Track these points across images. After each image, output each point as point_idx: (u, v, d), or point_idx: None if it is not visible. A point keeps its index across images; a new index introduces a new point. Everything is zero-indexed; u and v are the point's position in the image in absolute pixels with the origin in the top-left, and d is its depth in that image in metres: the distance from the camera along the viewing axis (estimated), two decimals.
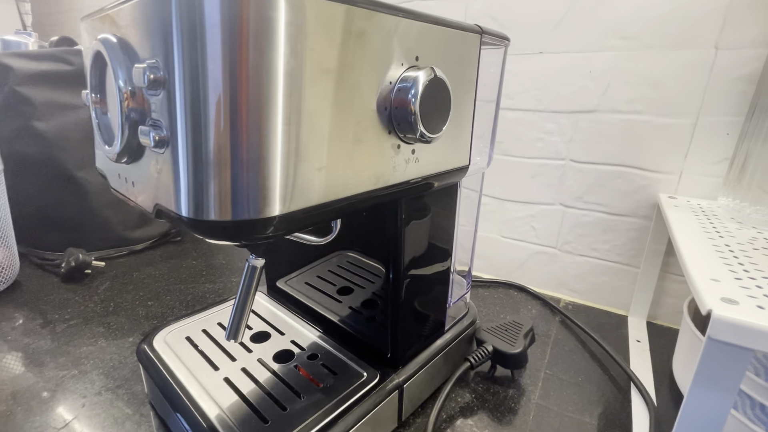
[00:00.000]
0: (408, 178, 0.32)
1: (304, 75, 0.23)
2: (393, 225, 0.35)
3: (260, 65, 0.21)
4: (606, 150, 0.59)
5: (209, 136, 0.21)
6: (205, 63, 0.20)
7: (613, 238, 0.62)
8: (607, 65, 0.56)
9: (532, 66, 0.62)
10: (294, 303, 0.52)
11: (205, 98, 0.21)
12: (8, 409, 0.42)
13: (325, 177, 0.25)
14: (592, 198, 0.62)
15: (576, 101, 0.60)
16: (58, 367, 0.49)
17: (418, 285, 0.40)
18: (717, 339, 0.26)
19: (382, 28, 0.26)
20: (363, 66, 0.25)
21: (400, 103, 0.28)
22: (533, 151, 0.65)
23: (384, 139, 0.28)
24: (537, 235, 0.68)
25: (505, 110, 0.65)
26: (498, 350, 0.46)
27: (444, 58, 0.31)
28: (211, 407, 0.35)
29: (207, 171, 0.22)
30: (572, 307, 0.66)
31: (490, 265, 0.75)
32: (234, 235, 0.24)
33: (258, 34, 0.21)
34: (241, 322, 0.31)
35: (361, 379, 0.39)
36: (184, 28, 0.20)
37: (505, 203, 0.70)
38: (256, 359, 0.41)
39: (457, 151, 0.37)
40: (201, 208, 0.23)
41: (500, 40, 0.40)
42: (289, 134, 0.23)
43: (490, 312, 0.64)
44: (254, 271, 0.30)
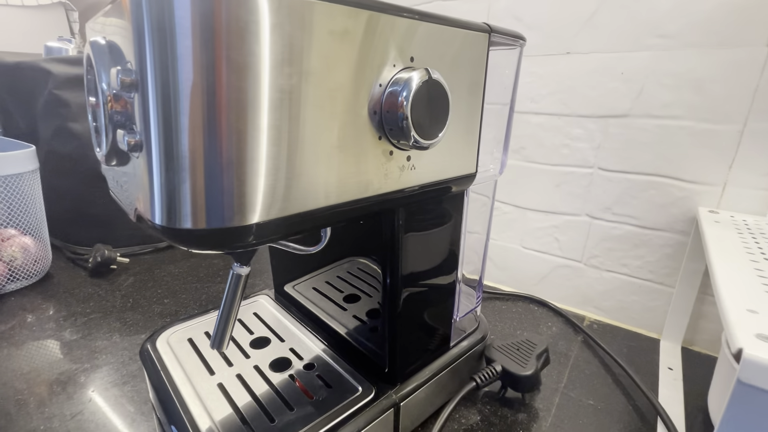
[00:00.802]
0: (403, 187, 0.30)
1: (281, 77, 0.21)
2: (390, 233, 0.34)
3: (233, 67, 0.20)
4: (638, 158, 0.55)
5: (181, 140, 0.21)
6: (176, 66, 0.20)
7: (645, 253, 0.57)
8: (641, 66, 0.52)
9: (558, 67, 0.58)
10: (299, 308, 0.51)
11: (176, 102, 0.20)
12: (23, 398, 0.44)
13: (306, 184, 0.24)
14: (622, 209, 0.57)
15: (606, 105, 0.55)
16: (73, 360, 0.50)
17: (419, 297, 0.38)
18: (748, 383, 0.22)
19: (370, 28, 0.24)
20: (348, 67, 0.24)
21: (390, 106, 0.26)
22: (558, 158, 0.61)
23: (374, 145, 0.27)
24: (561, 247, 0.64)
25: (528, 114, 0.62)
26: (507, 371, 0.43)
27: (444, 59, 0.29)
28: (200, 414, 0.34)
29: (179, 177, 0.21)
30: (597, 327, 0.61)
31: (510, 277, 0.71)
32: (209, 243, 0.23)
33: (230, 36, 0.20)
34: (225, 331, 0.30)
35: (355, 394, 0.37)
36: (154, 30, 0.19)
37: (527, 212, 0.66)
38: (252, 366, 0.41)
39: (461, 158, 0.34)
40: (174, 215, 0.22)
41: (514, 40, 0.37)
42: (264, 140, 0.22)
43: (506, 327, 0.60)
44: (239, 280, 0.29)
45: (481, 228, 0.47)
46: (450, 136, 0.32)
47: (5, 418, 0.42)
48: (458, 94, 0.32)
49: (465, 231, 0.41)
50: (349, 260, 0.47)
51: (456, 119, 0.32)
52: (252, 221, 0.23)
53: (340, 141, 0.25)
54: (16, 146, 0.72)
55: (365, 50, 0.24)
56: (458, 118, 0.32)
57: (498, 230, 0.70)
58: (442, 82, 0.27)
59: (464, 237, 0.41)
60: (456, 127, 0.32)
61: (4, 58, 0.81)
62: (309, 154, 0.23)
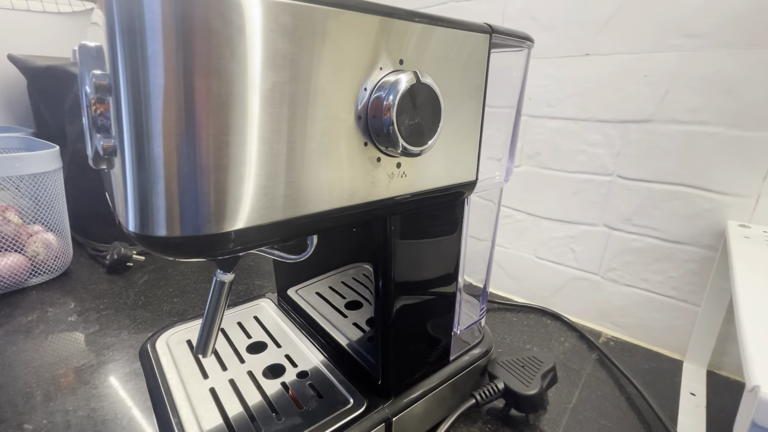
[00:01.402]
0: (393, 195, 0.29)
1: (255, 82, 0.21)
2: (382, 241, 0.32)
3: (204, 72, 0.19)
4: (662, 166, 0.51)
5: (152, 145, 0.20)
6: (146, 69, 0.19)
7: (667, 268, 0.53)
8: (666, 68, 0.49)
9: (576, 70, 0.55)
10: (300, 313, 0.50)
11: (147, 106, 0.20)
12: (30, 391, 0.46)
13: (284, 192, 0.23)
14: (642, 221, 0.54)
15: (627, 109, 0.52)
16: (81, 355, 0.52)
17: (414, 308, 0.36)
18: (763, 426, 0.19)
19: (353, 29, 0.23)
20: (329, 71, 0.23)
21: (376, 111, 0.25)
22: (575, 165, 0.58)
23: (359, 151, 0.26)
24: (576, 258, 0.61)
25: (544, 119, 0.59)
26: (509, 389, 0.41)
27: (439, 62, 0.28)
28: (189, 420, 0.34)
29: (151, 182, 0.21)
30: (614, 344, 0.57)
31: (523, 287, 0.68)
32: (185, 251, 0.23)
33: (201, 39, 0.19)
34: (209, 338, 0.29)
35: (346, 406, 0.36)
36: (124, 31, 0.19)
37: (542, 221, 0.63)
38: (246, 371, 0.40)
39: (460, 166, 0.33)
40: (147, 222, 0.22)
41: (520, 41, 0.35)
42: (239, 145, 0.21)
43: (515, 340, 0.58)
44: (222, 287, 0.28)
45: (488, 235, 0.45)
46: (446, 142, 0.31)
47: (12, 409, 0.43)
48: (455, 98, 0.30)
49: (466, 240, 0.39)
50: (355, 266, 0.46)
51: (452, 125, 0.30)
52: (228, 229, 0.22)
53: (322, 147, 0.24)
54: (43, 146, 0.75)
55: (348, 52, 0.23)
56: (455, 123, 0.31)
57: (511, 239, 0.67)
58: (433, 85, 0.26)
59: (465, 246, 0.39)
60: (452, 133, 0.31)
61: (37, 62, 0.85)
62: (287, 161, 0.23)
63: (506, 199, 0.66)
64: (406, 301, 0.35)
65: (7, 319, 0.60)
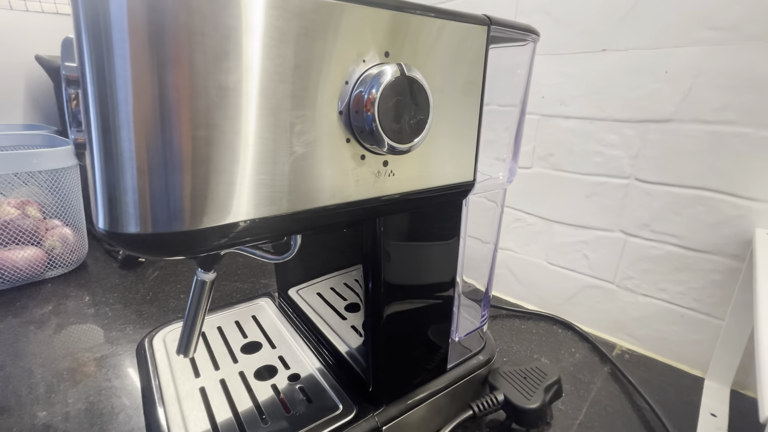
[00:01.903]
0: (379, 195, 0.27)
1: (221, 74, 0.20)
2: (371, 243, 0.31)
3: (169, 63, 0.19)
4: (683, 169, 0.48)
5: (119, 139, 0.20)
6: (112, 62, 0.19)
7: (688, 278, 0.50)
8: (689, 64, 0.45)
9: (591, 66, 0.52)
10: (299, 314, 0.50)
11: (113, 98, 0.19)
12: (35, 382, 0.47)
13: (258, 190, 0.22)
14: (662, 227, 0.51)
15: (646, 108, 0.49)
16: (87, 349, 0.53)
17: (407, 313, 0.35)
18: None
19: (333, 20, 0.22)
20: (304, 63, 0.22)
21: (358, 106, 0.23)
22: (590, 167, 0.55)
23: (341, 148, 0.24)
24: (590, 265, 0.58)
25: (557, 118, 0.57)
26: (509, 401, 0.39)
27: (429, 55, 0.26)
28: (175, 419, 0.34)
29: (119, 178, 0.20)
30: (629, 357, 0.54)
31: (534, 294, 0.65)
32: (157, 249, 0.22)
33: (166, 30, 0.18)
34: (191, 338, 0.29)
35: (335, 412, 0.35)
36: (89, 22, 0.19)
37: (554, 225, 0.60)
38: (237, 371, 0.40)
39: (455, 165, 0.31)
40: (116, 219, 0.21)
41: (523, 34, 0.33)
42: (209, 140, 0.20)
43: (522, 349, 0.55)
44: (203, 286, 0.28)
45: (491, 238, 0.43)
46: (439, 140, 0.29)
47: (15, 399, 0.44)
48: (448, 93, 0.28)
49: (464, 243, 0.37)
50: (358, 267, 0.45)
51: (446, 122, 0.29)
52: (201, 226, 0.22)
53: (299, 144, 0.23)
54: (63, 143, 0.77)
55: (327, 44, 0.22)
56: (449, 120, 0.29)
57: (522, 243, 0.65)
58: (420, 79, 0.24)
59: (463, 249, 0.37)
60: (446, 131, 0.29)
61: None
62: (260, 158, 0.22)
63: (517, 202, 0.63)
64: (398, 307, 0.34)
65: (23, 311, 0.61)
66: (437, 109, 0.28)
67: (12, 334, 0.55)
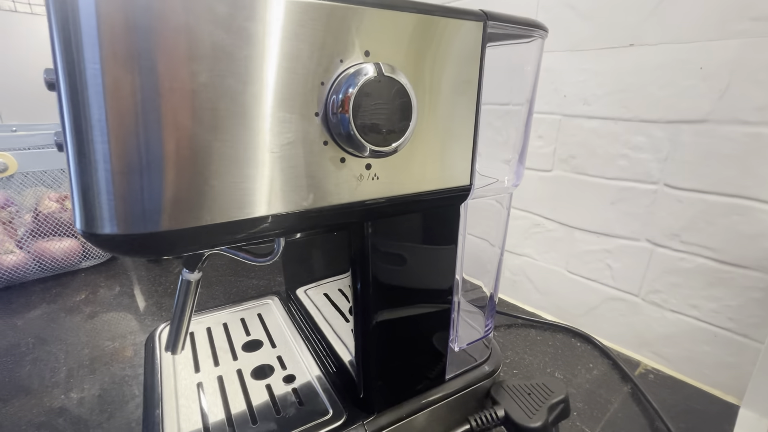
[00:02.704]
0: (362, 199, 0.26)
1: (189, 77, 0.20)
2: (359, 248, 0.30)
3: (136, 66, 0.19)
4: (719, 174, 0.43)
5: (91, 139, 0.20)
6: (82, 64, 0.19)
7: (723, 295, 0.45)
8: (727, 58, 0.41)
9: (618, 62, 0.49)
10: (303, 314, 0.50)
11: (84, 99, 0.19)
12: (57, 367, 0.50)
13: (232, 192, 0.22)
14: (694, 237, 0.46)
15: (678, 107, 0.45)
16: (107, 338, 0.55)
17: (399, 321, 0.34)
18: None
19: (307, 19, 0.21)
20: (278, 65, 0.21)
21: (334, 108, 0.23)
22: (614, 171, 0.51)
23: (319, 151, 0.24)
24: (613, 276, 0.54)
25: (580, 118, 0.53)
26: (510, 418, 0.37)
27: (415, 53, 0.25)
28: (170, 413, 0.35)
29: (93, 178, 0.21)
30: (654, 377, 0.50)
31: (553, 304, 0.62)
32: (132, 250, 0.23)
33: (132, 32, 0.18)
34: (178, 336, 0.29)
35: (324, 417, 0.34)
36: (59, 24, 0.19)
37: (575, 232, 0.57)
38: (236, 369, 0.40)
39: (448, 168, 0.30)
40: (93, 219, 0.21)
41: (528, 30, 0.31)
42: (179, 141, 0.20)
43: (535, 361, 0.53)
44: (189, 286, 0.28)
45: (497, 242, 0.41)
46: (429, 142, 0.28)
47: (39, 381, 0.47)
48: (439, 93, 0.27)
49: (463, 250, 0.35)
50: None
51: (437, 123, 0.28)
52: (175, 227, 0.22)
53: (275, 147, 0.22)
54: None
55: (300, 45, 0.22)
56: (441, 121, 0.28)
57: (541, 250, 0.62)
58: (400, 78, 0.23)
59: (462, 256, 0.36)
60: (438, 132, 0.28)
61: None
62: (229, 160, 0.21)
63: (536, 206, 0.60)
64: (389, 314, 0.33)
65: (57, 298, 0.66)
66: (427, 110, 0.27)
67: (45, 320, 0.59)
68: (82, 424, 0.41)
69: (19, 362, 0.50)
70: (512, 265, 0.65)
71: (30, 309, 0.63)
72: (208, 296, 0.67)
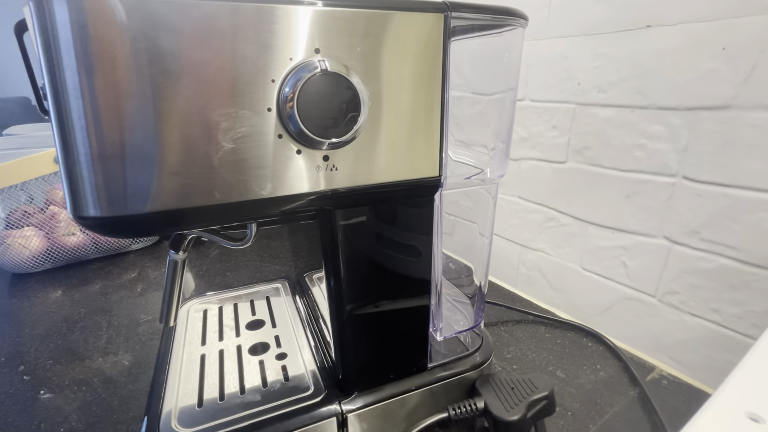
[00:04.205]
0: (323, 188, 0.28)
1: (142, 78, 0.22)
2: (329, 236, 0.32)
3: (99, 70, 0.22)
4: (743, 166, 0.39)
5: (73, 136, 0.23)
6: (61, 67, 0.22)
7: (747, 299, 0.41)
8: (752, 37, 0.37)
9: (633, 46, 0.45)
10: (305, 298, 0.53)
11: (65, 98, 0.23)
12: (101, 334, 0.57)
13: (188, 180, 0.25)
14: (715, 235, 0.42)
15: (698, 93, 0.41)
16: (143, 312, 0.62)
17: (373, 308, 0.35)
18: None
19: (250, 21, 0.23)
20: (228, 65, 0.23)
21: (282, 103, 0.24)
22: (630, 162, 0.48)
23: (273, 144, 0.26)
24: (629, 274, 0.51)
25: (594, 107, 0.50)
26: (488, 410, 0.37)
27: (371, 48, 0.26)
28: (172, 376, 0.39)
29: (76, 168, 0.24)
30: (668, 383, 0.47)
31: (566, 301, 0.60)
32: (111, 231, 0.26)
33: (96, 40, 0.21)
34: (170, 309, 0.33)
35: (305, 393, 0.37)
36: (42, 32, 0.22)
37: (589, 227, 0.54)
38: (236, 345, 0.44)
39: (413, 161, 0.30)
40: (79, 204, 0.25)
41: (503, 19, 0.30)
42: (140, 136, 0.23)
43: (538, 358, 0.51)
44: (175, 265, 0.31)
45: (486, 232, 0.41)
46: (389, 134, 0.29)
47: (84, 346, 0.54)
48: (397, 86, 0.28)
49: (440, 238, 0.36)
50: None
51: (396, 116, 0.28)
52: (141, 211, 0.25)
53: (225, 140, 0.24)
54: None
55: (248, 45, 0.23)
56: (401, 114, 0.28)
57: (555, 245, 0.59)
58: (343, 72, 0.24)
59: (439, 246, 0.36)
60: (398, 125, 0.29)
61: None
62: (187, 151, 0.24)
63: (550, 200, 0.58)
64: (361, 303, 0.34)
65: (108, 275, 0.75)
66: (385, 104, 0.28)
67: (98, 294, 0.68)
68: (112, 384, 0.47)
69: (71, 329, 0.58)
70: (527, 261, 0.63)
71: (86, 284, 0.72)
72: (234, 279, 0.72)
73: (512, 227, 0.59)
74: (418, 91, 0.29)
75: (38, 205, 0.78)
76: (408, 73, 0.28)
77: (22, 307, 0.64)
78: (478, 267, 0.42)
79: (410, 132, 0.29)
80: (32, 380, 0.48)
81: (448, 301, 0.45)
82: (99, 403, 0.44)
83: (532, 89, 0.54)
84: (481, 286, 0.42)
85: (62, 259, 0.76)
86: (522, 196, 0.56)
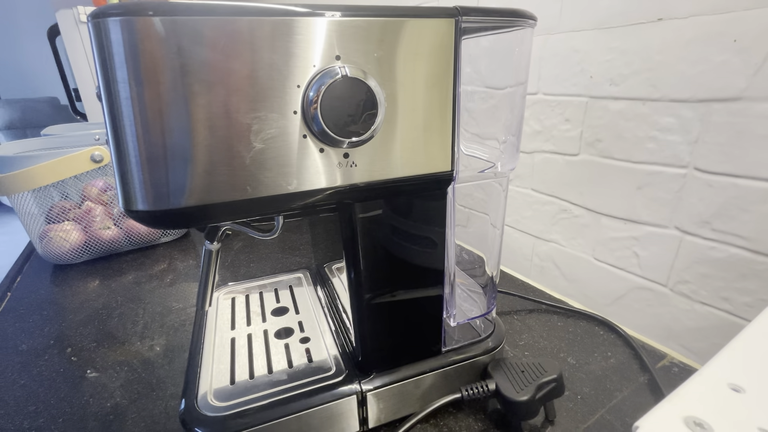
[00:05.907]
0: (344, 183, 0.30)
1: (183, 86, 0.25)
2: (348, 228, 0.34)
3: (148, 82, 0.25)
4: (755, 156, 0.40)
5: (125, 139, 0.26)
6: (115, 80, 0.25)
7: (758, 288, 0.42)
8: (763, 29, 0.37)
9: (645, 39, 0.46)
10: (326, 286, 0.55)
11: (118, 108, 0.26)
12: (138, 320, 0.61)
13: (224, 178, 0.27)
14: (726, 225, 0.43)
15: (709, 85, 0.42)
16: (175, 300, 0.67)
17: (391, 295, 0.38)
18: None
19: (276, 34, 0.25)
20: (257, 74, 0.26)
21: (306, 107, 0.27)
22: (642, 154, 0.49)
23: (298, 144, 0.28)
24: (640, 264, 0.52)
25: (606, 100, 0.51)
26: (499, 391, 0.39)
27: (386, 53, 0.28)
28: (206, 357, 0.43)
29: (129, 167, 0.27)
30: (678, 370, 0.48)
31: (580, 291, 0.61)
32: (157, 223, 0.29)
33: (145, 57, 0.24)
34: (205, 295, 0.36)
35: (327, 373, 0.40)
36: (98, 52, 0.25)
37: (601, 218, 0.55)
38: (263, 329, 0.47)
39: (427, 156, 0.32)
40: (130, 199, 0.28)
41: (510, 21, 0.32)
42: (184, 139, 0.26)
43: (550, 345, 0.53)
44: (210, 255, 0.34)
45: (498, 223, 0.43)
46: (404, 132, 0.31)
47: (123, 331, 0.59)
48: (412, 87, 0.30)
49: (453, 229, 0.38)
50: None
51: (411, 114, 0.30)
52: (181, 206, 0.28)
53: (257, 140, 0.27)
54: None
55: (275, 55, 0.26)
56: (415, 113, 0.31)
57: (568, 236, 0.61)
58: (361, 77, 0.27)
59: (452, 236, 0.38)
60: (413, 123, 0.31)
61: None
62: (221, 152, 0.27)
63: (563, 191, 0.59)
64: (379, 291, 0.37)
65: (141, 266, 0.80)
66: (400, 104, 0.30)
67: (132, 284, 0.73)
68: (150, 364, 0.51)
69: (110, 315, 0.63)
70: (540, 252, 0.64)
71: (121, 275, 0.77)
72: (258, 269, 0.76)
73: (526, 219, 0.61)
74: (431, 92, 0.31)
75: (74, 201, 0.83)
76: (421, 75, 0.30)
77: (65, 295, 0.70)
78: (490, 257, 0.44)
79: (424, 130, 0.31)
80: (79, 361, 0.53)
81: (461, 290, 0.47)
82: (140, 382, 0.48)
83: (545, 83, 0.55)
84: (493, 275, 0.44)
85: (98, 251, 0.81)
86: (535, 188, 0.57)
